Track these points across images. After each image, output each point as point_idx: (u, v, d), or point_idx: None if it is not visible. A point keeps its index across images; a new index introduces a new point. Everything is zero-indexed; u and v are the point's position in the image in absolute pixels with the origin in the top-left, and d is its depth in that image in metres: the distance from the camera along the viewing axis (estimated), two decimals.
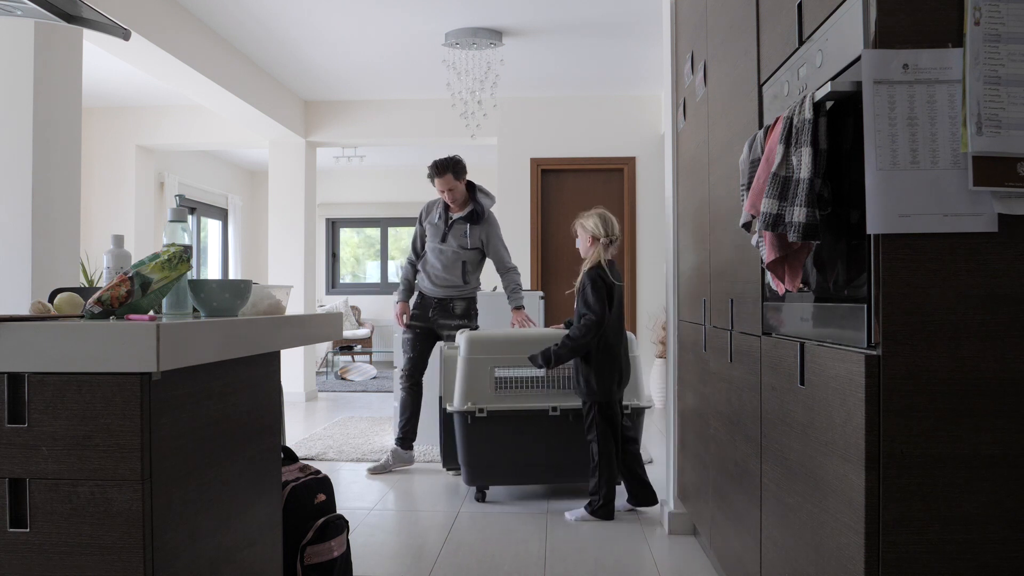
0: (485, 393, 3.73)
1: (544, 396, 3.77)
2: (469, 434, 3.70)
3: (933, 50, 1.35)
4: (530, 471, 3.80)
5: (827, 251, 1.58)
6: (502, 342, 3.82)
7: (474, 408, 3.69)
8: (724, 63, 2.42)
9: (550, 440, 3.74)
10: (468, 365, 3.75)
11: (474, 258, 4.43)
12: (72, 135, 3.76)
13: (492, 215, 4.45)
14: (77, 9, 2.13)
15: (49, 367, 1.30)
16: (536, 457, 3.75)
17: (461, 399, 3.72)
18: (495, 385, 3.74)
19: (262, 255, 10.27)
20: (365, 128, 7.40)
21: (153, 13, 4.64)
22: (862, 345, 1.40)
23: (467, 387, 3.73)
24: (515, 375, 3.75)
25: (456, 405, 3.73)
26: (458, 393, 3.74)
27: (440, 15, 5.23)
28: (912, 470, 1.35)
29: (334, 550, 2.31)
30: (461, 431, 3.71)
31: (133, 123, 7.51)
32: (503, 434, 3.71)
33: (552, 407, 3.72)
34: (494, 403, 3.72)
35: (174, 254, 1.55)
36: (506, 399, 3.73)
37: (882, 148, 1.35)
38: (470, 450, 3.71)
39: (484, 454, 3.72)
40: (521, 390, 3.76)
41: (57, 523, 1.31)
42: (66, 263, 3.70)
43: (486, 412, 3.68)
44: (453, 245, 4.36)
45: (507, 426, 3.70)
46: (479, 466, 3.74)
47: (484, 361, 3.76)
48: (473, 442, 3.70)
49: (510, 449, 3.72)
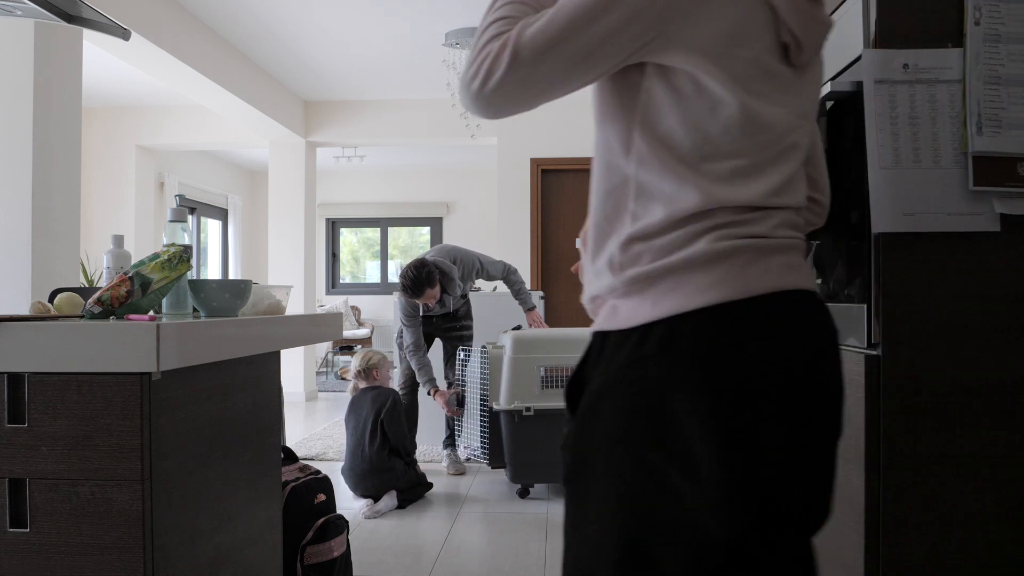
0: (531, 392, 3.80)
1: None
2: (515, 433, 3.76)
3: (933, 50, 1.35)
4: None
5: (827, 251, 1.58)
6: (548, 341, 3.89)
7: (521, 407, 3.75)
8: None
9: None
10: (514, 364, 3.82)
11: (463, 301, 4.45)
12: (72, 135, 3.76)
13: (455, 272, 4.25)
14: (77, 9, 2.13)
15: (49, 367, 1.30)
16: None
17: (507, 398, 3.79)
18: (541, 384, 3.81)
19: (262, 255, 10.27)
20: (365, 128, 7.40)
21: (153, 13, 4.64)
22: (862, 345, 1.40)
23: (513, 386, 3.80)
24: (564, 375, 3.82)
25: (502, 404, 3.80)
26: (504, 392, 3.81)
27: (440, 15, 5.23)
28: (912, 470, 1.34)
29: (334, 550, 2.31)
30: (507, 430, 3.78)
31: (133, 123, 7.51)
32: (548, 432, 3.76)
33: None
34: (540, 402, 3.79)
35: (174, 254, 1.55)
36: (552, 398, 3.79)
37: (884, 147, 1.35)
38: (516, 448, 3.78)
39: (529, 452, 3.78)
40: None
41: (57, 523, 1.31)
42: (66, 263, 3.70)
43: (532, 411, 3.75)
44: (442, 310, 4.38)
45: (552, 425, 3.76)
46: (524, 464, 3.81)
47: (530, 360, 3.83)
48: (519, 440, 3.77)
49: (554, 447, 3.73)
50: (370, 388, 3.91)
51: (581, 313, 7.28)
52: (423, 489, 3.89)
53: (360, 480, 3.69)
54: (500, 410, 3.80)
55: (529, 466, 3.81)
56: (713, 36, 0.92)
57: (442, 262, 4.19)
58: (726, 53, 0.93)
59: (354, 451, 3.75)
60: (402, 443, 3.82)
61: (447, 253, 4.33)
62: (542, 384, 3.82)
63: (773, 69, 0.97)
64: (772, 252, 0.95)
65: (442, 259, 4.23)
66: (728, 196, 0.94)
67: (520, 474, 3.83)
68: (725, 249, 0.93)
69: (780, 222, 0.98)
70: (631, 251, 0.97)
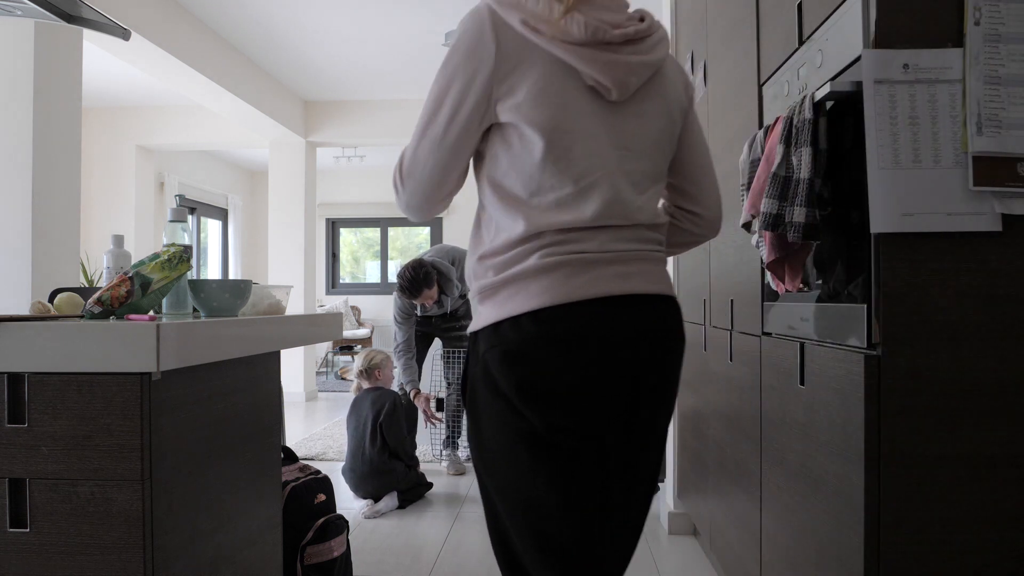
0: None
1: None
2: None
3: (933, 50, 1.35)
4: None
5: (827, 251, 1.58)
6: None
7: None
8: (724, 63, 2.42)
9: None
10: None
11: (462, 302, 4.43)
12: (72, 135, 3.76)
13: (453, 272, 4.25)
14: (77, 9, 2.13)
15: (49, 367, 1.30)
16: None
17: None
18: None
19: (262, 255, 10.27)
20: (365, 128, 7.40)
21: (153, 13, 4.64)
22: (862, 345, 1.40)
23: None
24: None
25: None
26: None
27: (440, 15, 5.23)
28: (912, 470, 1.35)
29: (334, 550, 2.31)
30: None
31: (133, 123, 7.51)
32: None
33: None
34: None
35: (174, 254, 1.55)
36: None
37: (884, 147, 1.35)
38: None
39: None
40: None
41: (57, 523, 1.31)
42: (66, 263, 3.70)
43: None
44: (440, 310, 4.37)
45: None
46: None
47: None
48: None
49: None
50: (372, 389, 3.91)
51: None
52: (423, 489, 3.89)
53: (361, 482, 3.69)
54: None
55: None
56: (525, 94, 1.15)
57: (440, 263, 4.18)
58: (537, 104, 1.15)
59: (354, 453, 3.75)
60: (401, 447, 3.80)
61: (446, 253, 4.33)
62: None
63: (584, 109, 1.18)
64: (599, 264, 1.18)
65: (440, 259, 4.23)
66: (551, 221, 1.18)
67: None
68: (550, 264, 1.17)
69: (611, 238, 1.20)
70: (482, 266, 1.24)
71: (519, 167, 1.19)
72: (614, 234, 1.20)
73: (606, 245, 1.19)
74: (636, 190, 1.23)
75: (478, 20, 1.17)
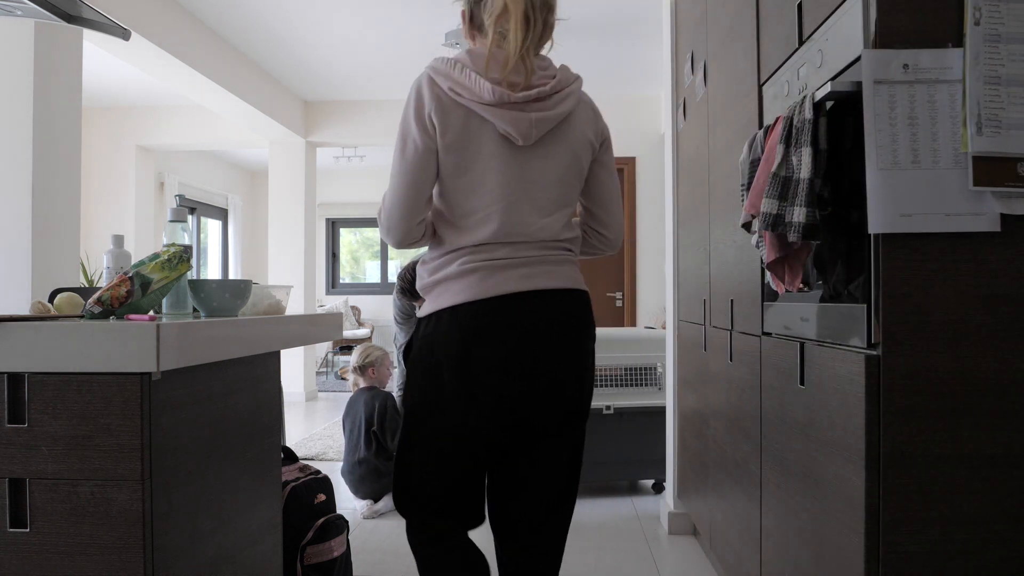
0: None
1: (599, 395, 3.85)
2: None
3: (933, 50, 1.35)
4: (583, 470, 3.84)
5: (827, 251, 1.58)
6: None
7: None
8: (724, 63, 2.42)
9: (603, 439, 3.82)
10: None
11: None
12: (72, 135, 3.76)
13: None
14: (77, 9, 2.13)
15: (49, 367, 1.30)
16: (589, 456, 3.80)
17: None
18: None
19: (262, 255, 10.27)
20: (365, 128, 7.40)
21: (153, 13, 4.64)
22: (862, 345, 1.40)
23: None
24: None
25: None
26: None
27: (440, 15, 5.23)
28: (912, 470, 1.35)
29: (334, 550, 2.31)
30: None
31: (133, 123, 7.51)
32: None
33: (606, 406, 3.81)
34: None
35: (174, 254, 1.55)
36: None
37: (883, 147, 1.35)
38: None
39: None
40: None
41: (57, 523, 1.31)
42: (66, 263, 3.70)
43: None
44: None
45: None
46: None
47: None
48: None
49: None
50: (366, 389, 3.89)
51: None
52: None
53: (360, 484, 3.69)
54: None
55: None
56: (450, 138, 1.53)
57: None
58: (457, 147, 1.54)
59: (351, 455, 3.74)
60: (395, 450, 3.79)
61: None
62: None
63: (495, 152, 1.54)
64: (507, 268, 1.54)
65: None
66: (468, 238, 1.55)
67: None
68: (467, 269, 1.54)
69: (516, 250, 1.55)
70: (423, 269, 1.63)
71: (446, 195, 1.57)
72: (519, 247, 1.55)
73: (512, 254, 1.54)
74: (541, 214, 1.57)
75: (419, 84, 1.56)
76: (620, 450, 3.85)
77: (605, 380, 3.89)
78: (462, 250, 1.55)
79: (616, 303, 7.28)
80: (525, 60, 1.53)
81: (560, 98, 1.56)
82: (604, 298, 7.28)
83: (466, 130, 1.53)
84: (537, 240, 1.55)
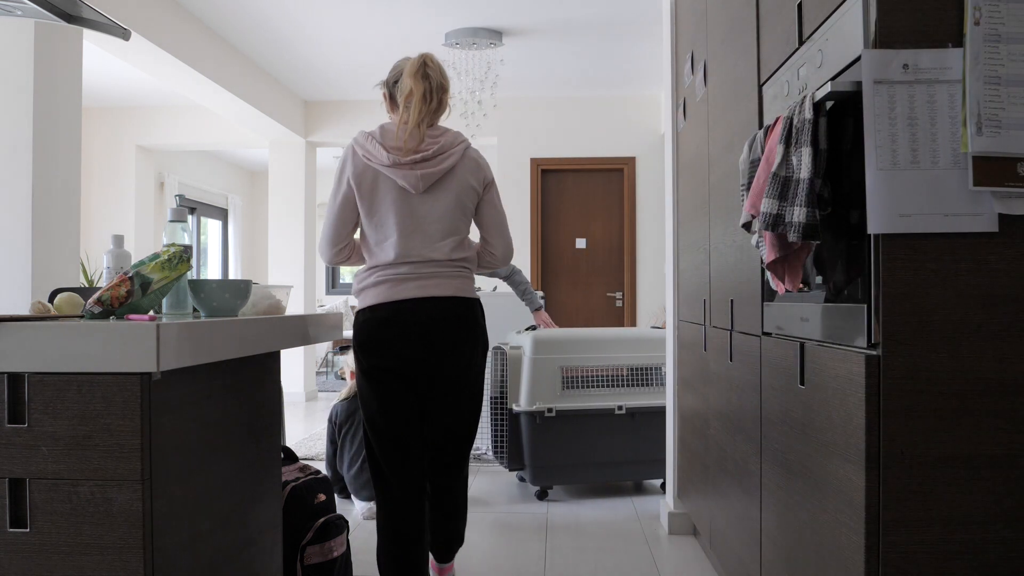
0: (552, 393, 3.78)
1: (610, 395, 3.86)
2: (536, 434, 3.75)
3: (933, 50, 1.35)
4: (593, 470, 3.86)
5: (827, 251, 1.58)
6: (567, 341, 3.88)
7: (542, 408, 3.74)
8: (724, 63, 2.42)
9: (614, 439, 3.83)
10: (534, 365, 3.80)
11: None
12: (72, 135, 3.76)
13: None
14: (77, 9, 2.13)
15: (49, 367, 1.30)
16: (600, 456, 3.83)
17: (528, 399, 3.77)
18: (562, 384, 3.80)
19: (262, 255, 10.27)
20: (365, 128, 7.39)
21: (153, 13, 4.64)
22: (862, 345, 1.40)
23: (534, 387, 3.78)
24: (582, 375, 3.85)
25: (523, 405, 3.77)
26: (525, 393, 3.79)
27: (440, 15, 5.23)
28: (912, 470, 1.35)
29: (334, 550, 2.31)
30: (528, 431, 3.76)
31: (133, 123, 7.51)
32: (569, 434, 3.77)
33: (618, 406, 3.82)
34: (561, 403, 3.78)
35: (174, 254, 1.55)
36: (573, 399, 3.79)
37: (882, 148, 1.35)
38: (536, 450, 3.76)
39: (550, 454, 3.77)
40: (587, 389, 3.85)
41: (57, 523, 1.31)
42: (66, 263, 3.70)
43: (555, 412, 3.74)
44: None
45: (573, 426, 3.76)
46: (545, 466, 3.79)
47: (550, 361, 3.81)
48: (540, 442, 3.76)
49: (575, 448, 3.80)
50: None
51: (581, 312, 7.28)
52: None
53: (362, 487, 3.68)
54: (521, 411, 3.77)
55: (550, 468, 3.79)
56: (366, 190, 2.14)
57: None
58: (371, 196, 2.15)
59: (352, 458, 3.73)
60: None
61: None
62: (563, 384, 3.80)
63: (395, 198, 2.13)
64: (407, 280, 2.12)
65: None
66: (380, 258, 2.14)
67: (540, 476, 3.80)
68: (379, 280, 2.14)
69: (415, 268, 2.12)
70: (355, 278, 2.23)
71: (365, 229, 2.18)
72: (418, 265, 2.12)
73: (412, 271, 2.12)
74: (431, 241, 2.13)
75: (348, 151, 2.18)
76: (631, 450, 3.85)
77: (615, 380, 3.90)
78: (377, 268, 2.14)
79: (616, 303, 7.28)
80: (420, 127, 2.13)
81: (444, 157, 2.14)
82: (604, 298, 7.28)
83: (375, 184, 2.13)
84: (431, 260, 2.13)
